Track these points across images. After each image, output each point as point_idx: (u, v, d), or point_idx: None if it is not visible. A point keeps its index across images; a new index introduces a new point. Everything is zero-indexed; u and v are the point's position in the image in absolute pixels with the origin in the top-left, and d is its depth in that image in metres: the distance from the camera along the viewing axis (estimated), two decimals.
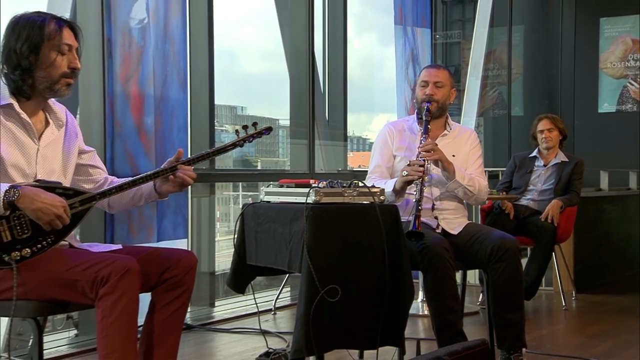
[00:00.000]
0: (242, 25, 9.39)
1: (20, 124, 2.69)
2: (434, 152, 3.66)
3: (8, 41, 2.65)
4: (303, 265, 3.25)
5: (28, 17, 2.67)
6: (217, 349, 4.46)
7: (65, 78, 2.68)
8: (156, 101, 4.73)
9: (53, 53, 2.64)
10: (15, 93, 2.67)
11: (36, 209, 2.48)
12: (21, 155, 2.67)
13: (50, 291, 2.52)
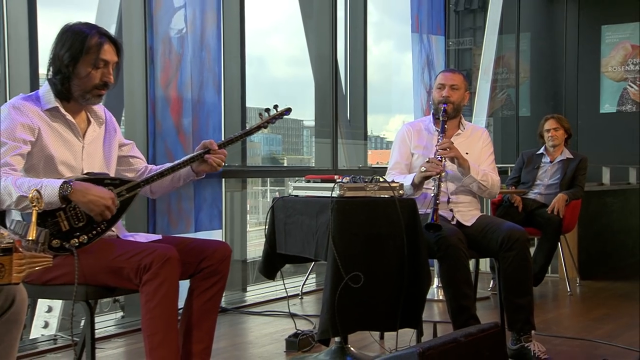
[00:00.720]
0: (271, 34, 9.41)
1: (66, 125, 2.71)
2: (450, 150, 3.67)
3: (55, 47, 2.67)
4: (328, 254, 3.26)
5: (76, 28, 2.67)
6: (249, 330, 4.47)
7: (97, 89, 2.68)
8: (193, 104, 4.75)
9: (89, 66, 2.64)
10: (58, 96, 2.69)
11: (88, 201, 2.51)
12: (69, 152, 2.69)
13: (100, 277, 2.54)
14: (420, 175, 3.66)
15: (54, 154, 2.64)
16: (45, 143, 2.62)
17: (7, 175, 2.48)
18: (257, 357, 3.78)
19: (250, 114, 5.78)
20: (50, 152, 2.63)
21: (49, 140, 2.64)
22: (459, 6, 9.47)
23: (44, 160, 2.64)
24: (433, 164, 3.62)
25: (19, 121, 2.57)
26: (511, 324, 3.52)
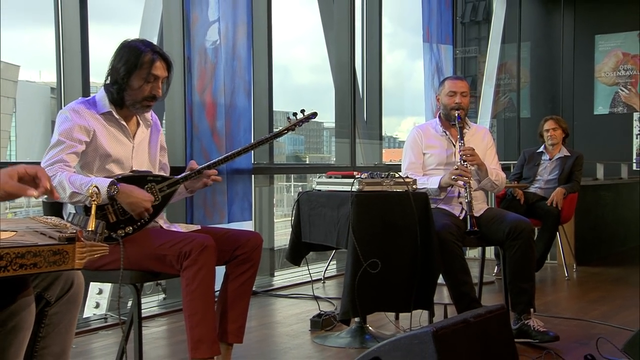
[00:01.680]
0: (295, 45, 9.40)
1: (118, 127, 2.74)
2: (474, 157, 3.67)
3: (114, 59, 2.70)
4: (349, 242, 3.27)
5: (133, 45, 2.70)
6: (277, 311, 4.49)
7: (146, 101, 2.71)
8: (226, 108, 4.76)
9: (141, 80, 2.66)
10: (113, 102, 2.72)
11: (130, 202, 2.54)
12: (121, 152, 2.73)
13: (145, 263, 2.57)
14: (448, 182, 3.65)
15: (107, 152, 2.68)
16: (100, 143, 2.66)
17: (62, 171, 2.52)
18: (285, 336, 3.79)
19: (276, 117, 5.80)
20: (104, 151, 2.67)
21: (103, 140, 2.67)
22: (465, 18, 9.44)
23: (99, 158, 2.67)
24: (461, 170, 3.62)
25: (77, 123, 2.61)
26: (514, 306, 3.52)
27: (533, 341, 3.41)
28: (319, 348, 3.50)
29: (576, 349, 3.39)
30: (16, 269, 1.22)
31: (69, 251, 1.31)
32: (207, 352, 2.53)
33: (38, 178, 1.66)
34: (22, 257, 1.23)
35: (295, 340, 3.67)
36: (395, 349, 2.15)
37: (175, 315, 4.20)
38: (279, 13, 5.51)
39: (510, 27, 9.01)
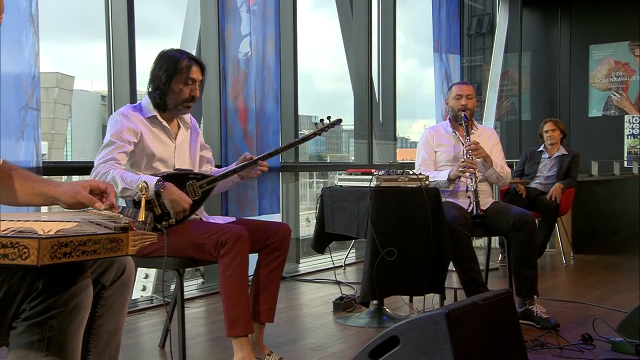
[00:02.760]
0: (318, 56, 9.45)
1: (162, 129, 2.76)
2: (479, 150, 3.66)
3: (154, 68, 2.73)
4: (368, 233, 3.27)
5: (170, 53, 2.73)
6: (303, 294, 4.50)
7: (186, 102, 2.73)
8: (257, 113, 4.77)
9: (180, 84, 2.69)
10: (156, 107, 2.74)
11: (172, 200, 2.56)
12: (164, 151, 2.75)
13: (187, 251, 2.59)
14: (457, 173, 3.65)
15: (153, 152, 2.70)
16: (147, 144, 2.68)
17: (115, 168, 2.55)
18: (310, 316, 3.80)
19: (301, 120, 5.81)
20: (150, 151, 2.69)
21: (149, 141, 2.69)
22: (472, 30, 9.43)
23: (145, 157, 2.70)
24: (467, 163, 3.61)
25: (126, 126, 2.63)
26: (519, 291, 3.50)
27: (536, 325, 3.39)
28: (341, 327, 3.50)
29: (574, 329, 3.36)
30: (79, 255, 1.23)
31: (123, 239, 1.33)
32: (242, 330, 2.55)
33: (107, 193, 1.68)
34: (84, 244, 1.25)
35: (319, 320, 3.68)
36: (411, 329, 2.14)
37: (212, 297, 4.22)
38: (303, 27, 5.52)
39: (512, 38, 9.01)
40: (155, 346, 3.13)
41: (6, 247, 1.17)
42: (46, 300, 1.34)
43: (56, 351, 1.36)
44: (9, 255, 1.17)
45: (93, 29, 4.11)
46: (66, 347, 1.37)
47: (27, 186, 1.74)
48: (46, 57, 3.44)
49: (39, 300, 1.34)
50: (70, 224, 1.30)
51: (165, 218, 2.59)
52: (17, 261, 1.17)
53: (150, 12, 4.49)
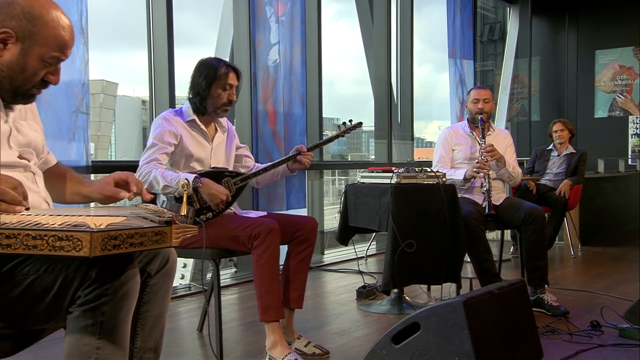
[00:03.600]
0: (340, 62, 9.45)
1: (200, 132, 2.78)
2: (494, 152, 3.64)
3: (194, 75, 2.74)
4: (389, 226, 3.27)
5: (209, 62, 2.75)
6: (328, 283, 4.50)
7: (225, 106, 2.75)
8: (284, 115, 4.78)
9: (219, 89, 2.71)
10: (196, 111, 2.76)
11: (210, 194, 2.58)
12: (202, 152, 2.76)
13: (223, 242, 2.59)
14: (471, 173, 3.63)
15: (191, 153, 2.72)
16: (186, 145, 2.71)
17: (157, 168, 2.57)
18: (335, 303, 3.80)
19: (325, 122, 5.80)
20: (188, 152, 2.71)
21: (188, 143, 2.71)
22: (484, 37, 9.37)
23: (184, 157, 2.72)
24: (482, 164, 3.59)
25: (167, 129, 2.66)
26: (530, 280, 3.46)
27: (547, 313, 3.36)
28: (363, 314, 3.50)
29: (583, 316, 3.32)
30: (127, 247, 1.24)
31: (167, 232, 1.33)
32: (273, 316, 2.55)
33: (128, 183, 1.70)
34: (132, 237, 1.25)
35: (343, 307, 3.68)
36: (431, 316, 2.13)
37: (245, 285, 4.24)
38: (327, 36, 5.52)
39: (522, 44, 8.93)
40: (194, 330, 3.16)
41: (62, 239, 1.18)
42: (98, 288, 1.35)
43: (108, 334, 1.37)
44: (64, 247, 1.18)
45: (136, 40, 4.18)
46: (117, 331, 1.38)
47: (70, 186, 1.77)
48: (93, 65, 3.48)
49: (92, 288, 1.35)
50: (120, 219, 1.31)
51: (203, 212, 2.61)
52: (72, 253, 1.18)
53: (187, 24, 4.52)
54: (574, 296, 3.86)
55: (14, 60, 1.51)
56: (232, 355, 2.75)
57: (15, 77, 1.52)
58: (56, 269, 1.36)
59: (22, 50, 1.50)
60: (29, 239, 1.18)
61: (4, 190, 1.33)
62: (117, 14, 5.03)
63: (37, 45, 1.51)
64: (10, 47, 1.50)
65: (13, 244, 1.19)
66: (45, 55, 1.52)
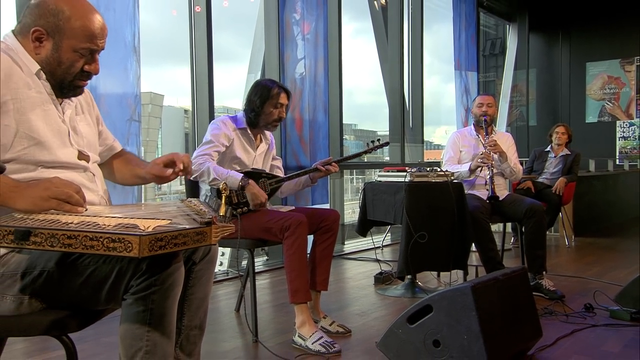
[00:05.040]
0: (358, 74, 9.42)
1: (248, 140, 2.80)
2: (496, 146, 3.60)
3: (250, 93, 2.77)
4: (403, 219, 3.24)
5: (264, 82, 2.78)
6: (348, 270, 4.49)
7: (275, 122, 2.78)
8: (310, 122, 4.78)
9: (271, 107, 2.73)
10: (248, 123, 2.78)
11: (253, 194, 2.60)
12: (246, 157, 2.79)
13: (257, 233, 2.60)
14: (476, 164, 3.59)
15: (236, 156, 2.75)
16: (234, 148, 2.74)
17: (209, 161, 2.61)
18: (355, 288, 3.79)
19: (345, 128, 5.78)
20: (235, 154, 2.74)
21: (236, 147, 2.74)
22: (486, 51, 9.30)
23: (230, 158, 2.74)
24: (485, 155, 3.55)
25: (223, 131, 2.70)
26: (530, 268, 3.41)
27: (545, 296, 3.31)
28: (380, 297, 3.49)
29: (577, 299, 3.27)
30: (172, 247, 1.23)
31: (207, 232, 1.31)
32: (302, 298, 2.55)
33: (173, 161, 1.68)
34: (176, 238, 1.24)
35: (363, 291, 3.66)
36: (442, 299, 2.12)
37: (275, 271, 4.25)
38: (346, 51, 5.50)
39: (520, 57, 8.88)
40: (232, 310, 3.17)
41: (115, 242, 1.18)
42: (148, 279, 1.35)
43: (156, 320, 1.37)
44: (117, 248, 1.18)
45: (180, 56, 4.20)
46: (164, 317, 1.38)
47: (128, 169, 1.77)
48: (143, 79, 3.50)
49: (143, 278, 1.35)
50: (165, 222, 1.30)
51: (240, 206, 2.62)
52: (123, 253, 1.17)
53: (225, 42, 4.53)
54: (569, 282, 3.80)
55: (50, 55, 1.48)
56: (265, 333, 2.75)
57: (55, 71, 1.49)
58: (112, 261, 1.36)
59: (55, 44, 1.47)
60: (87, 240, 1.18)
61: (69, 194, 1.33)
62: (164, 34, 5.05)
63: (66, 38, 1.47)
64: (45, 44, 1.47)
65: (73, 244, 1.19)
66: (77, 47, 1.48)
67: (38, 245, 1.20)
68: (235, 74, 4.94)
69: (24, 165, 1.42)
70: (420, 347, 2.14)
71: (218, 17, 4.13)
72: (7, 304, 1.40)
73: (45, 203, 1.30)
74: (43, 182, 1.33)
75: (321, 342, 2.46)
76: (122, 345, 1.39)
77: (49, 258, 1.40)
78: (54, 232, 1.19)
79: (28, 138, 1.42)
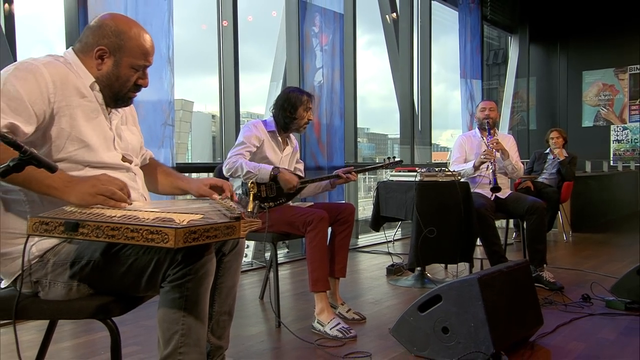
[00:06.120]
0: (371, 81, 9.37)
1: (276, 142, 2.80)
2: (498, 144, 3.57)
3: (283, 102, 2.77)
4: (413, 216, 3.22)
5: (293, 91, 2.80)
6: (361, 262, 4.47)
7: (305, 124, 2.79)
8: (327, 126, 4.77)
9: (303, 112, 2.74)
10: (280, 127, 2.78)
11: (286, 179, 2.62)
12: (274, 158, 2.78)
13: (281, 227, 2.61)
14: (479, 161, 3.56)
15: (265, 156, 2.76)
16: (264, 149, 2.74)
17: (241, 159, 2.63)
18: (369, 278, 3.77)
19: (359, 131, 5.76)
20: (264, 155, 2.75)
21: (266, 147, 2.75)
22: (490, 61, 9.21)
23: (260, 158, 2.75)
24: (488, 153, 3.52)
25: (254, 133, 2.71)
26: (531, 260, 3.37)
27: (545, 287, 3.27)
28: (392, 287, 3.47)
29: (575, 290, 3.23)
30: (204, 239, 1.23)
31: (237, 226, 1.31)
32: (322, 287, 2.55)
33: (223, 190, 1.69)
34: (208, 231, 1.24)
35: (376, 282, 3.65)
36: (451, 289, 2.10)
37: (295, 263, 4.25)
38: (361, 61, 5.49)
39: (521, 66, 8.81)
40: (256, 297, 3.18)
41: (153, 233, 1.19)
42: (184, 269, 1.36)
43: (191, 305, 1.38)
44: (155, 240, 1.19)
45: (208, 66, 4.21)
46: (198, 303, 1.40)
47: (169, 180, 1.78)
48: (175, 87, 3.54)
49: (178, 268, 1.36)
50: (198, 216, 1.30)
51: (268, 201, 2.63)
52: (160, 244, 1.18)
53: (249, 53, 4.53)
54: (567, 274, 3.75)
55: (110, 71, 1.52)
56: (287, 319, 2.75)
57: (113, 85, 1.53)
58: (151, 252, 1.38)
59: (115, 62, 1.51)
60: (128, 231, 1.19)
61: (114, 191, 1.35)
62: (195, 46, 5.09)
63: (125, 56, 1.51)
64: (106, 61, 1.51)
65: (116, 235, 1.20)
66: (134, 63, 1.52)
67: (85, 236, 1.21)
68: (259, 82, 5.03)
69: (73, 165, 1.44)
70: (430, 333, 2.12)
71: (243, 30, 4.14)
72: (58, 290, 1.42)
73: (93, 199, 1.33)
74: (91, 179, 1.36)
75: (338, 328, 2.46)
76: (160, 328, 1.40)
77: (95, 249, 1.42)
78: (99, 224, 1.21)
79: (78, 141, 1.45)
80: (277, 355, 2.26)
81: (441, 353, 2.09)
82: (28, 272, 1.42)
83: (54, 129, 1.41)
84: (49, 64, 1.44)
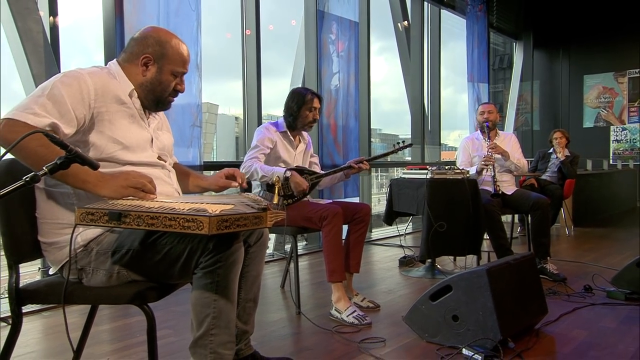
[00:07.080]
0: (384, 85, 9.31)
1: (288, 141, 2.79)
2: (496, 148, 3.52)
3: (288, 100, 2.77)
4: (424, 211, 3.21)
5: (299, 90, 2.77)
6: (375, 254, 4.46)
7: (310, 123, 2.76)
8: (343, 127, 4.77)
9: (307, 111, 2.72)
10: (288, 126, 2.78)
11: (296, 182, 2.60)
12: (288, 156, 2.78)
13: (298, 222, 2.61)
14: (480, 167, 3.54)
15: (280, 156, 2.74)
16: (278, 149, 2.73)
17: (256, 163, 2.62)
18: (382, 270, 3.76)
19: (373, 132, 5.74)
20: (278, 155, 2.74)
21: (279, 148, 2.74)
22: (496, 65, 9.14)
23: (274, 158, 2.74)
24: (487, 159, 3.49)
25: (267, 136, 2.70)
26: (536, 253, 3.33)
27: (549, 279, 3.23)
28: (404, 278, 3.46)
29: (577, 281, 3.18)
30: (235, 227, 1.25)
31: (264, 216, 1.33)
32: (338, 277, 2.55)
33: (235, 176, 1.72)
34: (238, 220, 1.26)
35: (389, 272, 3.64)
36: (460, 280, 2.09)
37: (313, 255, 4.26)
38: (374, 66, 5.48)
39: (525, 71, 8.70)
40: (277, 287, 3.20)
41: (189, 221, 1.21)
42: (215, 257, 1.37)
43: (222, 290, 1.40)
44: (190, 227, 1.21)
45: (233, 71, 4.23)
46: (228, 288, 1.41)
47: (190, 180, 1.81)
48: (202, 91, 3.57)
49: (210, 256, 1.37)
50: (229, 206, 1.32)
51: (286, 198, 2.63)
52: (195, 231, 1.20)
53: (271, 59, 4.54)
54: (570, 266, 3.70)
55: (154, 77, 1.57)
56: (307, 306, 2.76)
57: (156, 89, 1.58)
58: (185, 241, 1.39)
59: (159, 68, 1.57)
60: (167, 220, 1.22)
61: (143, 183, 1.39)
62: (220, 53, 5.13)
63: (167, 63, 1.57)
64: (151, 68, 1.57)
65: (155, 224, 1.22)
66: (174, 70, 1.58)
67: (127, 225, 1.24)
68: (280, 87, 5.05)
69: (114, 164, 1.48)
70: (441, 321, 2.12)
71: (265, 38, 4.15)
72: (100, 277, 1.45)
73: (125, 191, 1.37)
74: (122, 174, 1.39)
75: (354, 315, 2.46)
76: (193, 311, 1.42)
77: (134, 238, 1.44)
78: (140, 213, 1.23)
79: (118, 143, 1.48)
80: (297, 340, 2.27)
81: (451, 339, 2.08)
82: (74, 260, 1.45)
83: (95, 132, 1.45)
84: (92, 73, 1.49)
